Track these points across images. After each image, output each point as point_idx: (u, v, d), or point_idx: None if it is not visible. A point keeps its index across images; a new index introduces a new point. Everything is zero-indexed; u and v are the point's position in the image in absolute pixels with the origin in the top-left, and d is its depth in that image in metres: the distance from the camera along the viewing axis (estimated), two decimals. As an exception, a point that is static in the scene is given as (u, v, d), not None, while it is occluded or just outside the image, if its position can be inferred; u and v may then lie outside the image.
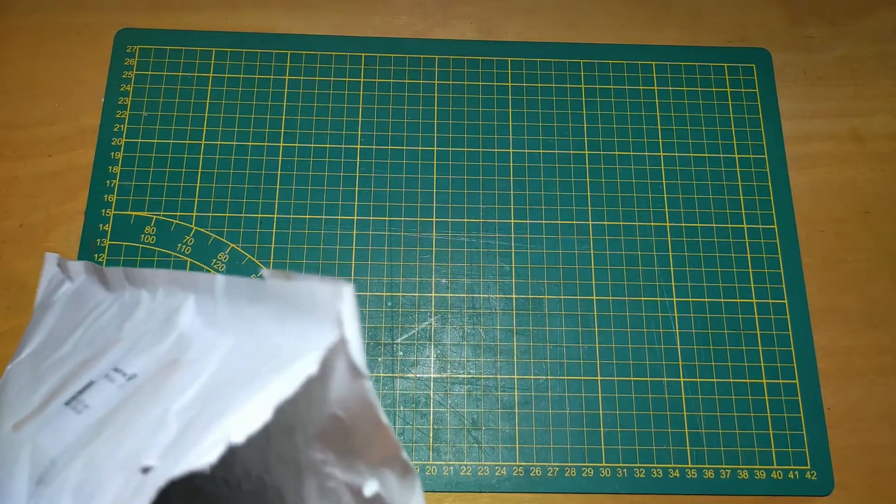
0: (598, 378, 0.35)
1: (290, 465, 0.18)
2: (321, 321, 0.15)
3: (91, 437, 0.16)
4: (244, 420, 0.13)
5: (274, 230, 0.37)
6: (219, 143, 0.39)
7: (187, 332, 0.18)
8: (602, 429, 0.35)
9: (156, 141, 0.39)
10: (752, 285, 0.37)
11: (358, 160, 0.39)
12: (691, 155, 0.40)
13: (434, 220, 0.38)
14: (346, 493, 0.18)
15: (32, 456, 0.17)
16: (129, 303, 0.22)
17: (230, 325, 0.17)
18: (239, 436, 0.13)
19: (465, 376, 0.35)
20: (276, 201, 0.38)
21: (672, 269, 0.37)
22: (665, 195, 0.39)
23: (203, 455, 0.13)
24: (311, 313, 0.15)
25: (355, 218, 0.38)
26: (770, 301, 0.37)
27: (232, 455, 0.19)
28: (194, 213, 0.37)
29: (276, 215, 0.38)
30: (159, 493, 0.13)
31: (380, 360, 0.35)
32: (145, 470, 0.14)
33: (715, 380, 0.35)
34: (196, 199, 0.38)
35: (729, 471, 0.34)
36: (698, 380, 0.35)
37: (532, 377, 0.35)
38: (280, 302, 0.16)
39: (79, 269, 0.27)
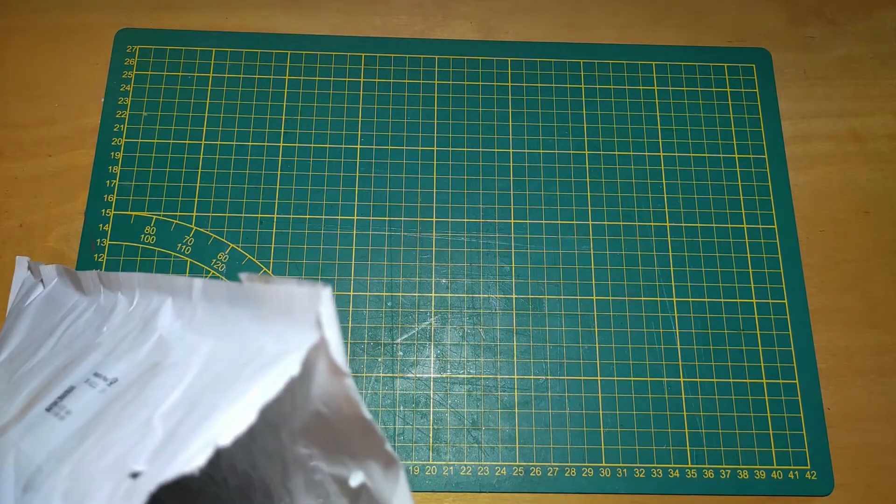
0: (598, 378, 0.35)
1: (276, 460, 0.18)
2: (301, 323, 0.15)
3: (76, 442, 0.16)
4: (230, 422, 0.14)
5: (274, 230, 0.37)
6: (219, 143, 0.39)
7: (167, 336, 0.18)
8: (602, 429, 0.35)
9: (156, 141, 0.39)
10: (752, 285, 0.37)
11: (358, 160, 0.39)
12: (691, 155, 0.40)
13: (434, 220, 0.38)
14: (332, 485, 0.18)
15: (17, 462, 0.17)
16: (105, 306, 0.22)
17: (210, 328, 0.17)
18: (226, 438, 0.13)
19: (465, 376, 0.35)
20: (276, 201, 0.38)
21: (672, 269, 0.37)
22: (665, 195, 0.39)
23: (192, 459, 0.13)
24: (290, 316, 0.15)
25: (355, 218, 0.38)
26: (770, 301, 0.37)
27: (217, 453, 0.19)
28: (194, 213, 0.37)
29: (276, 215, 0.38)
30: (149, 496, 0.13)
31: (380, 360, 0.35)
32: (134, 475, 0.14)
33: (715, 380, 0.35)
34: (196, 199, 0.38)
35: (729, 471, 0.34)
36: (698, 380, 0.35)
37: (532, 377, 0.35)
38: (259, 305, 0.16)
39: (50, 273, 0.27)
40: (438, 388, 0.35)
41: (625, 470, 0.34)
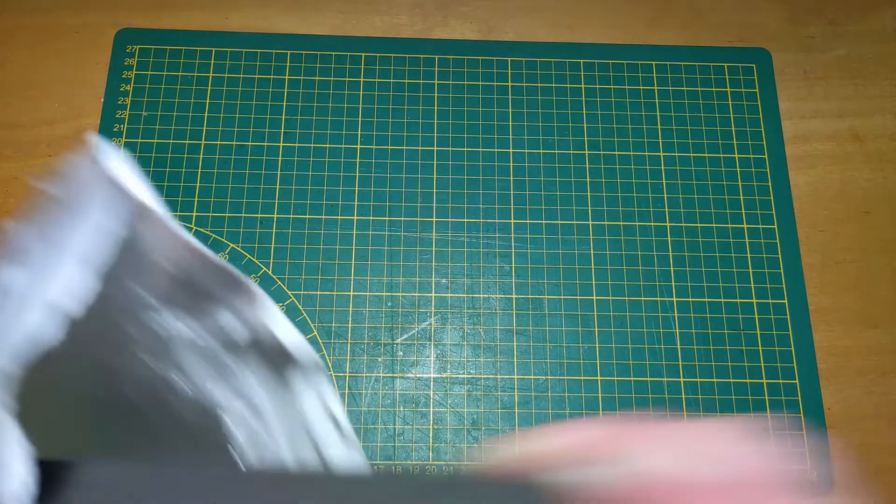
0: (598, 378, 0.35)
1: (160, 348, 0.18)
2: (110, 196, 0.15)
3: None
4: (66, 283, 0.14)
5: (274, 230, 0.37)
6: (219, 143, 0.39)
7: (7, 283, 0.18)
8: (602, 429, 0.35)
9: (156, 141, 0.39)
10: (752, 285, 0.37)
11: (358, 160, 0.39)
12: (691, 155, 0.40)
13: (434, 220, 0.38)
14: (216, 344, 0.18)
15: None
16: None
17: (38, 258, 0.18)
18: (70, 302, 0.14)
19: (465, 376, 0.35)
20: (276, 201, 0.38)
21: (672, 269, 0.37)
22: (665, 195, 0.39)
23: (38, 325, 0.14)
24: (93, 189, 0.16)
25: (355, 218, 0.38)
26: (770, 301, 0.37)
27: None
28: (194, 213, 0.37)
29: (276, 215, 0.38)
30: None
31: (380, 360, 0.35)
32: None
33: (715, 380, 0.35)
34: (196, 199, 0.38)
35: (729, 471, 0.34)
36: (698, 380, 0.35)
37: (532, 377, 0.35)
38: (67, 199, 0.16)
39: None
40: (438, 388, 0.35)
41: (625, 470, 0.34)
